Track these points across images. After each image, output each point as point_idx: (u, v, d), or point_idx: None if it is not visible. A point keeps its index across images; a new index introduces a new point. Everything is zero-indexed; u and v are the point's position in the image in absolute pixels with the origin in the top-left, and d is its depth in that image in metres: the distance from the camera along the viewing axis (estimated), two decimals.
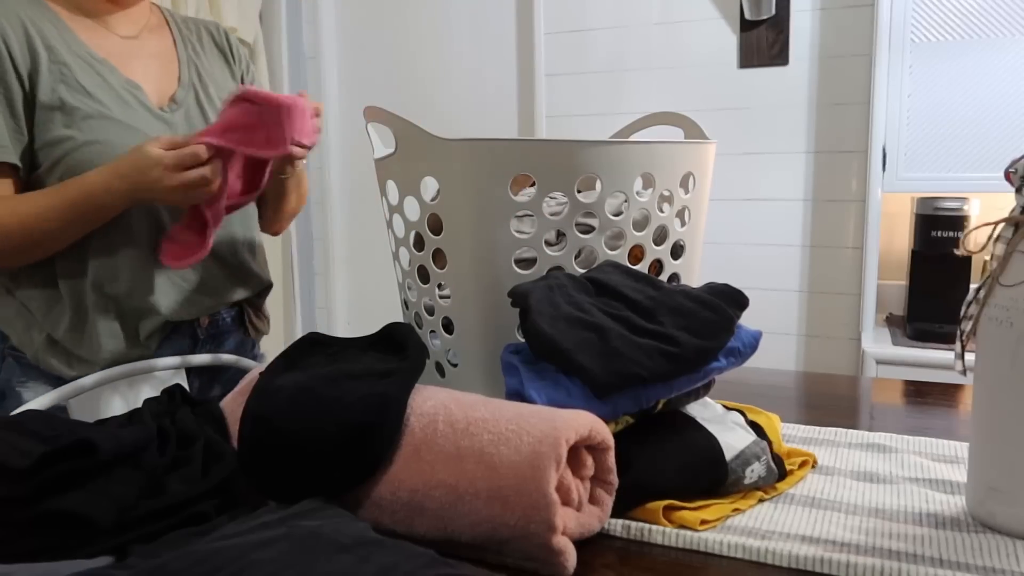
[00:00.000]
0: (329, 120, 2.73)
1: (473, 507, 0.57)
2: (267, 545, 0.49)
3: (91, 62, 1.04)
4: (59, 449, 0.57)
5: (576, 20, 2.39)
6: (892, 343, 1.92)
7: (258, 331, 1.24)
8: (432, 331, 0.91)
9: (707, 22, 2.24)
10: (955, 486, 0.71)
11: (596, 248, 0.84)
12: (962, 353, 0.65)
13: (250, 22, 2.54)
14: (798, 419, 0.91)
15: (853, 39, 2.08)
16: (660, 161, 0.85)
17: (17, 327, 1.07)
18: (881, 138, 1.92)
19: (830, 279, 2.18)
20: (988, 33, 1.81)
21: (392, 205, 0.90)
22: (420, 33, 2.61)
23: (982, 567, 0.57)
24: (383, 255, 2.65)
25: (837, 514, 0.66)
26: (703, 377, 0.70)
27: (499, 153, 0.79)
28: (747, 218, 2.25)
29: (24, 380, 1.08)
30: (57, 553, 0.53)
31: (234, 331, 1.20)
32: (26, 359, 1.07)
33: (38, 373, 1.07)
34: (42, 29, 1.01)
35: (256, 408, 0.67)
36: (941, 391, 1.02)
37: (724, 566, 0.59)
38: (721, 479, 0.67)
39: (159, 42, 1.15)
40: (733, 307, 0.73)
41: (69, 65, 1.01)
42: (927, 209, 1.89)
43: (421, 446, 0.61)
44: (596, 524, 0.62)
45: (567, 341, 0.67)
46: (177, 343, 1.13)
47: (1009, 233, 0.61)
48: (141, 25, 1.13)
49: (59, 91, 1.00)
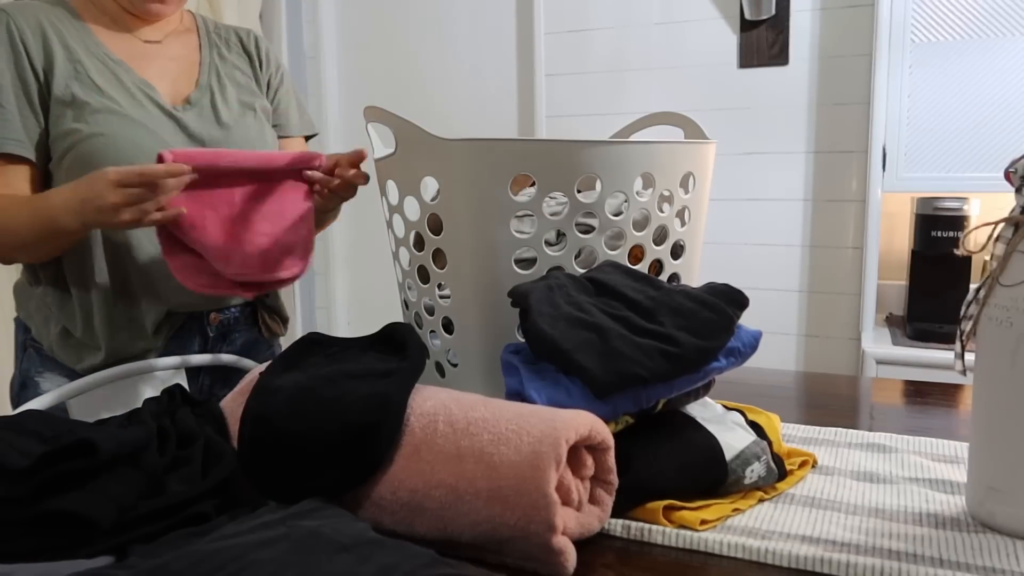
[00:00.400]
0: (329, 120, 2.73)
1: (473, 507, 0.57)
2: (267, 545, 0.49)
3: (106, 62, 1.07)
4: (59, 449, 0.57)
5: (576, 20, 2.39)
6: (892, 343, 1.92)
7: (272, 332, 1.25)
8: (432, 331, 0.91)
9: (707, 22, 2.24)
10: (955, 486, 0.71)
11: (596, 248, 0.84)
12: (962, 353, 0.65)
13: (250, 22, 2.54)
14: (798, 419, 0.91)
15: (853, 39, 2.08)
16: (660, 161, 0.85)
17: (37, 320, 1.12)
18: (881, 138, 1.92)
19: (830, 279, 2.18)
20: (988, 33, 1.81)
21: (392, 205, 0.90)
22: (420, 33, 2.61)
23: (982, 567, 0.57)
24: (383, 255, 2.65)
25: (837, 514, 0.66)
26: (703, 377, 0.70)
27: (499, 153, 0.79)
28: (747, 218, 2.25)
29: (41, 371, 1.11)
30: (57, 553, 0.53)
31: (245, 330, 1.20)
32: (44, 350, 1.12)
33: (54, 364, 1.11)
34: (61, 30, 1.06)
35: (256, 408, 0.67)
36: (941, 391, 1.02)
37: (724, 566, 0.59)
38: (721, 479, 0.67)
39: (183, 46, 1.17)
40: (733, 307, 0.73)
41: (84, 63, 1.05)
42: (927, 209, 1.89)
43: (421, 446, 0.61)
44: (596, 524, 0.62)
45: (567, 341, 0.67)
46: (187, 339, 1.14)
47: (1009, 233, 0.61)
48: (167, 31, 1.16)
49: (72, 87, 1.03)
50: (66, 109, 1.03)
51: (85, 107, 1.03)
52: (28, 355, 1.13)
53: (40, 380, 1.10)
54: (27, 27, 1.03)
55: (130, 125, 1.04)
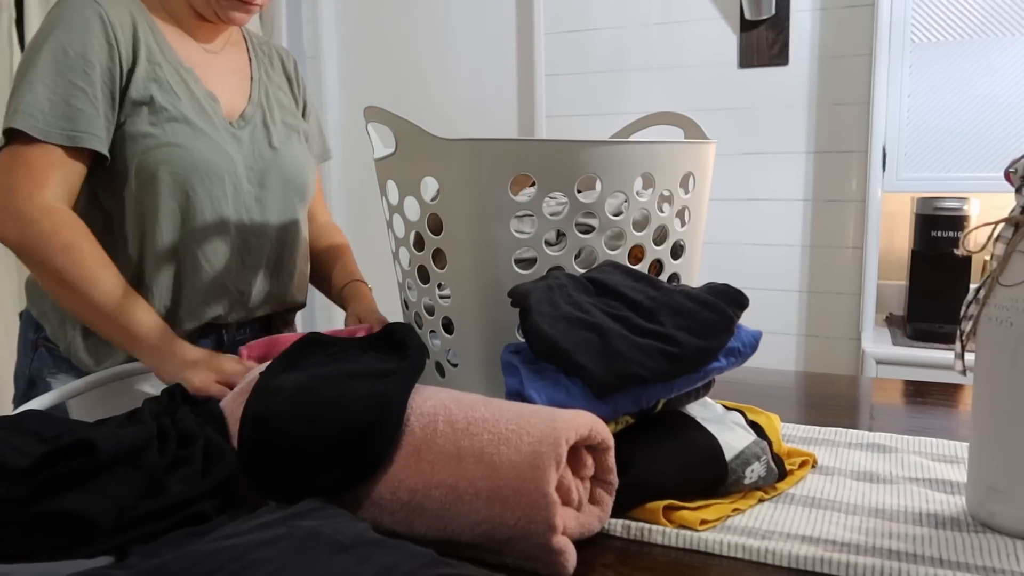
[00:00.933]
0: (329, 120, 2.73)
1: (473, 507, 0.57)
2: (267, 545, 0.49)
3: (178, 68, 1.05)
4: (59, 449, 0.57)
5: (576, 20, 2.39)
6: (892, 343, 1.92)
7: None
8: (432, 331, 0.91)
9: (707, 22, 2.23)
10: (955, 486, 0.71)
11: (596, 248, 0.84)
12: (962, 353, 0.65)
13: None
14: (798, 419, 0.91)
15: (853, 39, 2.08)
16: (660, 161, 0.85)
17: (52, 320, 1.09)
18: (881, 138, 1.92)
19: (830, 279, 2.18)
20: (988, 33, 1.81)
21: (392, 205, 0.90)
22: (420, 33, 2.61)
23: (982, 567, 0.57)
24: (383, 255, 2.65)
25: (837, 514, 0.66)
26: (703, 377, 0.70)
27: (499, 153, 0.79)
28: (747, 218, 2.25)
29: (55, 371, 1.10)
30: (57, 553, 0.53)
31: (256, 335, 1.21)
32: (58, 351, 1.09)
33: (68, 366, 1.09)
34: (145, 27, 1.04)
35: (256, 408, 0.67)
36: (941, 391, 1.02)
37: (724, 566, 0.59)
38: (721, 479, 0.67)
39: (237, 58, 1.16)
40: (733, 307, 0.73)
41: (162, 66, 1.03)
42: (927, 209, 1.89)
43: (421, 446, 0.61)
44: (596, 524, 0.62)
45: (567, 341, 0.67)
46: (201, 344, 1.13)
47: (1009, 233, 0.61)
48: (225, 39, 1.15)
49: (151, 89, 1.01)
50: (142, 109, 1.00)
51: (162, 112, 1.01)
52: (40, 354, 1.11)
53: (53, 381, 1.09)
54: (118, 21, 1.00)
55: (203, 139, 1.03)
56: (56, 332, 1.09)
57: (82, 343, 1.07)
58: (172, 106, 1.02)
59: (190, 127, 1.02)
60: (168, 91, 1.02)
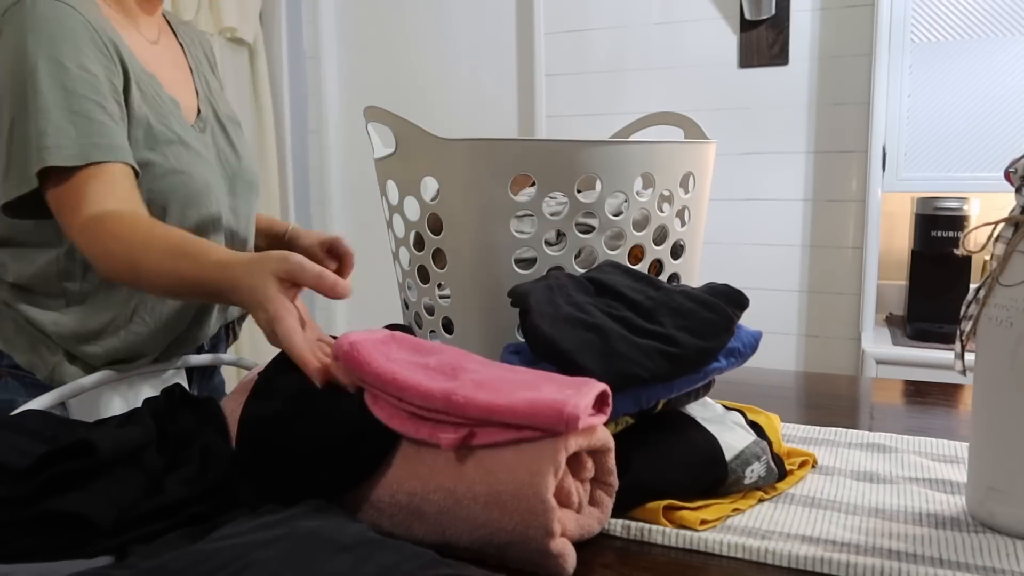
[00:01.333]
0: (329, 120, 2.73)
1: (471, 511, 0.57)
2: (267, 545, 0.49)
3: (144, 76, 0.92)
4: (59, 449, 0.57)
5: (576, 20, 2.39)
6: (892, 343, 1.92)
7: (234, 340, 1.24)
8: (432, 331, 0.91)
9: (707, 22, 2.23)
10: (955, 486, 0.71)
11: (596, 248, 0.84)
12: (962, 353, 0.65)
13: (250, 22, 2.54)
14: (798, 419, 0.91)
15: (853, 39, 2.08)
16: (660, 161, 0.85)
17: (19, 345, 0.95)
18: (881, 138, 1.92)
19: (830, 279, 2.18)
20: (988, 33, 1.81)
21: (392, 205, 0.90)
22: (420, 33, 2.61)
23: (982, 567, 0.57)
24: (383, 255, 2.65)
25: (837, 514, 0.66)
26: (703, 377, 0.70)
27: (499, 153, 0.79)
28: (747, 218, 2.25)
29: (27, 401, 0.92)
30: (57, 553, 0.53)
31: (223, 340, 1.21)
32: (32, 378, 0.96)
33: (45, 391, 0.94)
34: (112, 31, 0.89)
35: (254, 409, 0.67)
36: (941, 391, 1.02)
37: (724, 566, 0.59)
38: (721, 479, 0.67)
39: (173, 50, 1.04)
40: (733, 307, 0.73)
41: (139, 76, 0.90)
42: (927, 209, 1.89)
43: (420, 448, 0.61)
44: (596, 526, 0.62)
45: (567, 341, 0.67)
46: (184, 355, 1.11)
47: (1009, 233, 0.61)
48: (158, 27, 1.01)
49: (143, 107, 0.89)
50: (139, 132, 0.88)
51: (158, 135, 0.89)
52: (6, 384, 0.96)
53: None
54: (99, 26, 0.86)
55: (198, 161, 0.93)
56: (31, 360, 0.95)
57: (68, 367, 0.96)
58: (161, 125, 0.91)
59: (185, 148, 0.92)
60: (153, 106, 0.90)
